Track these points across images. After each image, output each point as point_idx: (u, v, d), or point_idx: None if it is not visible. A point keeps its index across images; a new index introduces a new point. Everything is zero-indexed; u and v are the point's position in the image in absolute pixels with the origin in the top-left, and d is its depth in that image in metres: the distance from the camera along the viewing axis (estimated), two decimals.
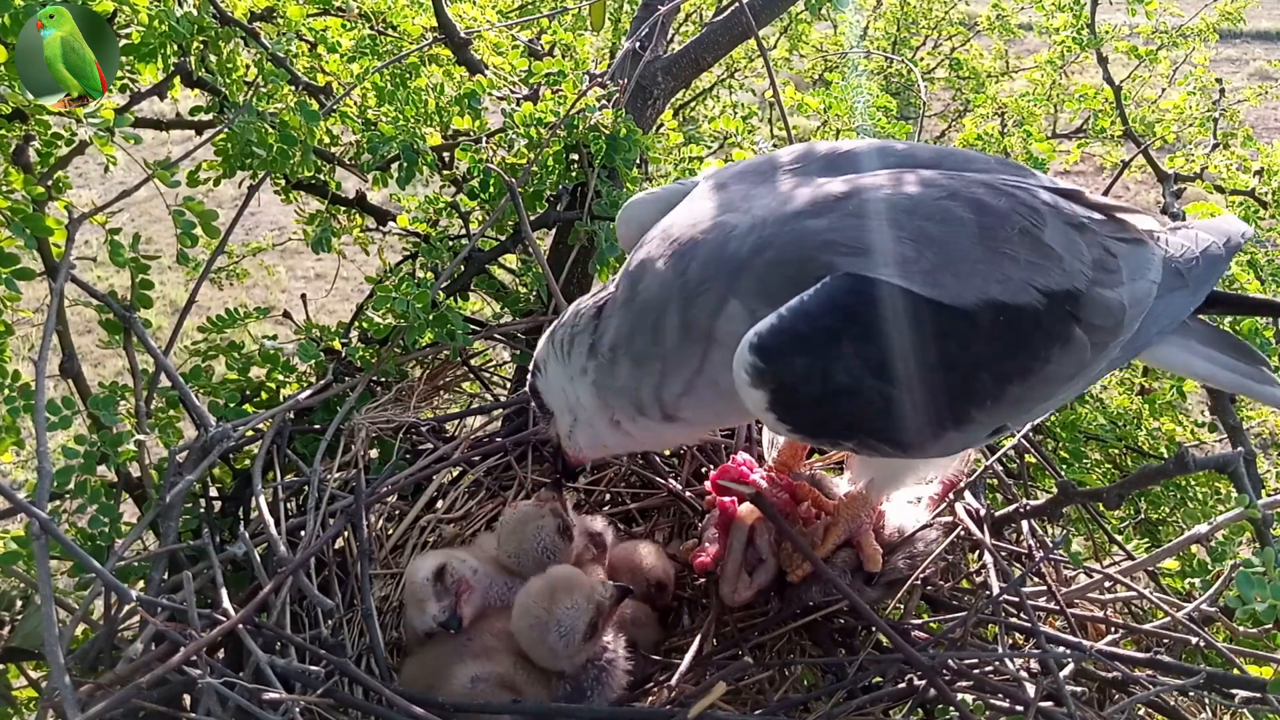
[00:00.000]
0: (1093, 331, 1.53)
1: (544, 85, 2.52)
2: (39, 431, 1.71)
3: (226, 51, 2.39)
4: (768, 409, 1.41)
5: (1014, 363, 1.46)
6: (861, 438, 1.44)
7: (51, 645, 1.43)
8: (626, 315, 1.55)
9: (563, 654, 1.65)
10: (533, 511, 1.87)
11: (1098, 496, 1.82)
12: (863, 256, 1.39)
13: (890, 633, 1.61)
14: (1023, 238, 1.48)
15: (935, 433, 1.45)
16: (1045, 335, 1.48)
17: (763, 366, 1.38)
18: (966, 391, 1.44)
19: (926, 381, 1.39)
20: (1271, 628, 1.61)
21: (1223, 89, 3.36)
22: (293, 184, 2.66)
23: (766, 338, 1.38)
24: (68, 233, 1.97)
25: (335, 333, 2.25)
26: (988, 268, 1.43)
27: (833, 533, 1.81)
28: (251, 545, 1.72)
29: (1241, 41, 10.28)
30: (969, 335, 1.41)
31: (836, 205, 1.46)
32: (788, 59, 5.54)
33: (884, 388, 1.37)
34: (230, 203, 2.48)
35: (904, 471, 1.74)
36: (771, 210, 1.49)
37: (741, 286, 1.45)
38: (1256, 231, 2.43)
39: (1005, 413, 1.51)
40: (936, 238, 1.42)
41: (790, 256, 1.43)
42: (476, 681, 1.66)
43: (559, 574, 1.71)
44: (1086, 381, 1.64)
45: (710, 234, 1.50)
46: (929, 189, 1.48)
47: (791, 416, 1.42)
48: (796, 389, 1.38)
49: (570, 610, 1.65)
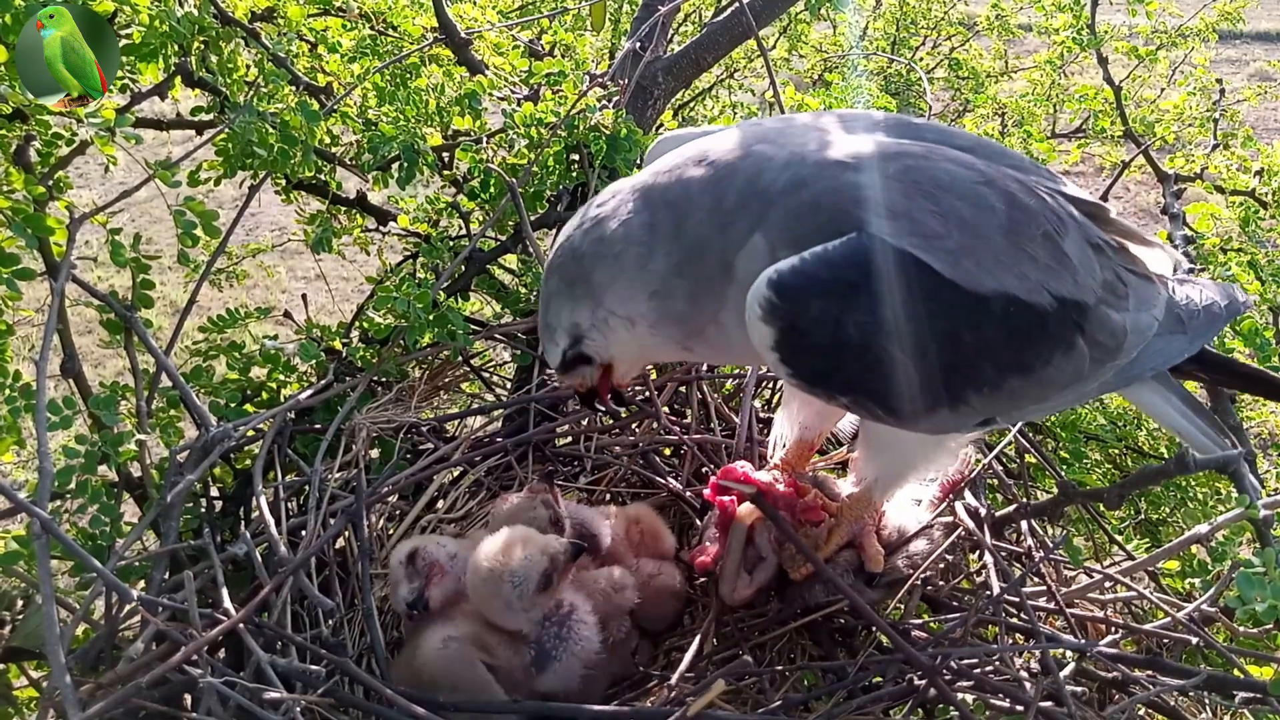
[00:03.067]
0: (1094, 347, 1.56)
1: (544, 85, 2.52)
2: (40, 431, 1.71)
3: (227, 51, 2.39)
4: (773, 348, 1.42)
5: (1016, 357, 1.49)
6: (858, 396, 1.46)
7: (52, 645, 1.43)
8: (675, 246, 1.52)
9: (517, 605, 1.67)
10: (525, 503, 1.88)
11: (1098, 496, 1.83)
12: (895, 221, 1.41)
13: (890, 633, 1.61)
14: (1044, 241, 1.50)
15: (930, 407, 1.47)
16: (1050, 338, 1.50)
17: (777, 303, 1.39)
18: (967, 375, 1.46)
19: (932, 356, 1.41)
20: (1271, 628, 1.61)
21: (1223, 89, 3.36)
22: (293, 184, 2.66)
23: (786, 276, 1.39)
24: (68, 233, 1.97)
25: (336, 333, 2.25)
26: (1009, 260, 1.46)
27: (836, 533, 1.81)
28: (252, 545, 1.73)
29: (1241, 42, 10.29)
30: (979, 321, 1.43)
31: (878, 165, 1.48)
32: (787, 59, 5.54)
33: (891, 351, 1.39)
34: (231, 203, 2.48)
35: (907, 470, 1.75)
36: (811, 150, 1.51)
37: (769, 222, 1.45)
38: (1255, 299, 2.44)
39: (999, 404, 1.54)
40: (967, 220, 1.45)
41: (825, 204, 1.44)
42: (449, 642, 1.68)
43: (513, 529, 1.74)
44: (1078, 395, 1.67)
45: (745, 162, 1.51)
46: (968, 170, 1.51)
47: (795, 360, 1.43)
48: (806, 333, 1.40)
49: (524, 562, 1.67)
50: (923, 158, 1.50)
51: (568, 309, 1.58)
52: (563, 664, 1.68)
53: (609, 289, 1.54)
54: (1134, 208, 8.01)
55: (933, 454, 1.72)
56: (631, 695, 1.74)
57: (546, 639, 1.69)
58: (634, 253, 1.52)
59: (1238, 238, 2.72)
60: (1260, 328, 2.32)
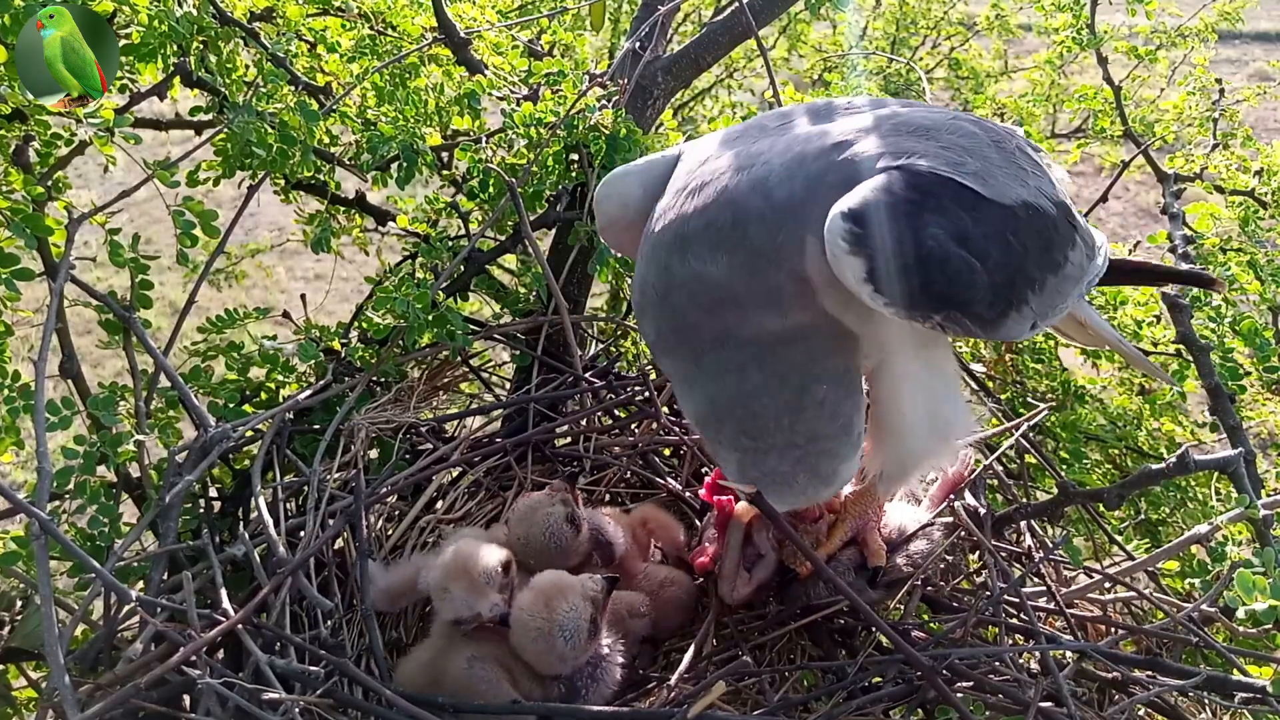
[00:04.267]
0: (1085, 245, 1.70)
1: (544, 85, 2.52)
2: (39, 432, 1.71)
3: (226, 51, 2.38)
4: (865, 279, 1.41)
5: (1048, 256, 1.60)
6: (949, 310, 1.47)
7: (51, 645, 1.43)
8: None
9: (570, 657, 1.65)
10: (543, 500, 1.87)
11: (1098, 497, 1.83)
12: (920, 159, 1.47)
13: (890, 633, 1.61)
14: (1021, 155, 1.62)
15: (1002, 311, 1.53)
16: (1062, 237, 1.62)
17: (859, 231, 1.39)
18: (1021, 276, 1.54)
19: (995, 261, 1.47)
20: (1271, 628, 1.61)
21: (1222, 89, 3.35)
22: (292, 184, 2.65)
23: (857, 206, 1.40)
24: (67, 233, 1.97)
25: (335, 333, 2.25)
26: (1012, 173, 1.56)
27: (839, 529, 1.81)
28: (251, 545, 1.72)
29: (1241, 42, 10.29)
30: (1017, 227, 1.51)
31: (868, 132, 1.52)
32: (787, 59, 5.54)
33: (967, 258, 1.44)
34: (230, 203, 2.47)
35: (911, 464, 1.75)
36: (802, 150, 1.51)
37: (811, 222, 1.44)
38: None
39: (1043, 304, 1.62)
40: (967, 148, 1.52)
41: (851, 175, 1.46)
42: (474, 661, 1.65)
43: (545, 580, 1.70)
44: (1078, 295, 1.75)
45: (741, 178, 1.50)
46: (938, 114, 1.60)
47: (888, 286, 1.42)
48: (892, 254, 1.41)
49: (570, 613, 1.64)
50: (895, 116, 1.57)
51: (817, 491, 1.64)
52: (588, 700, 1.67)
53: (839, 476, 1.63)
54: (1134, 207, 8.01)
55: (937, 447, 1.72)
56: (631, 696, 1.74)
57: (579, 679, 1.67)
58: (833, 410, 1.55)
59: (1237, 238, 2.72)
60: (1260, 328, 2.32)
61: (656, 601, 1.89)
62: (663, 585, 1.91)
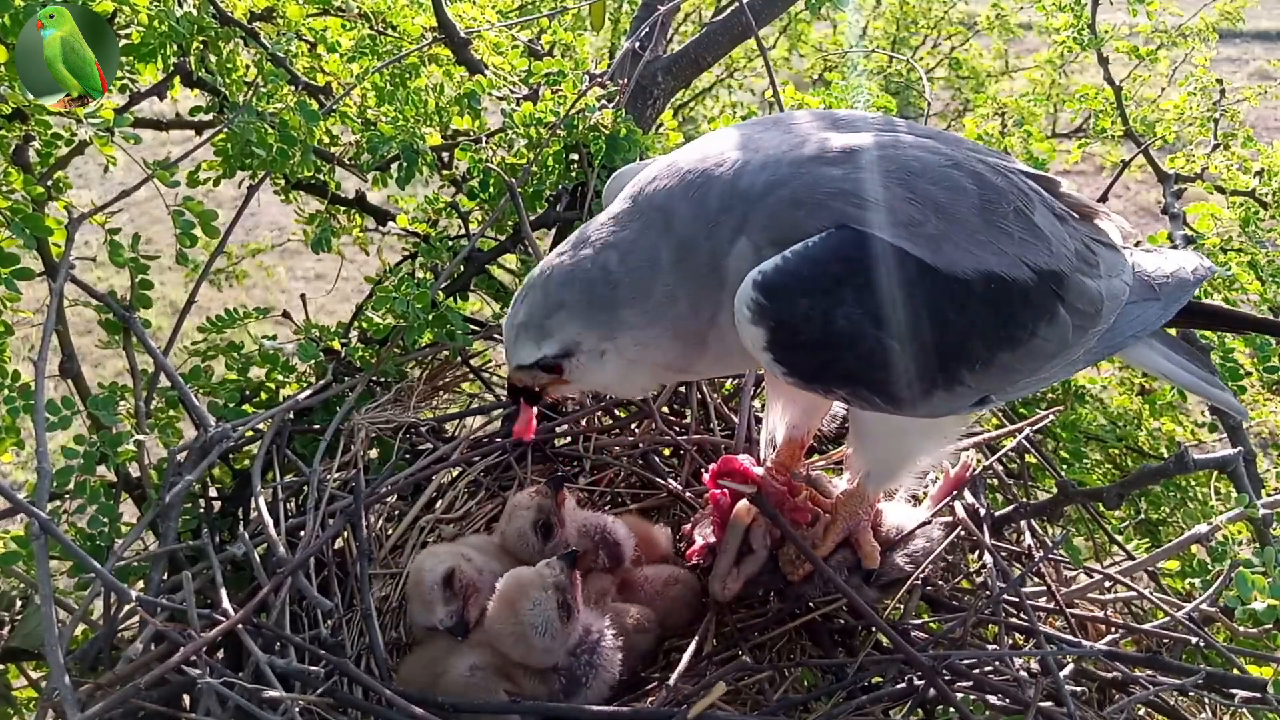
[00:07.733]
0: (1075, 314, 1.60)
1: (544, 85, 2.52)
2: (39, 431, 1.72)
3: (226, 51, 2.39)
4: (765, 348, 1.42)
5: (1004, 332, 1.51)
6: (856, 388, 1.46)
7: (51, 645, 1.43)
8: (676, 272, 1.51)
9: (554, 647, 1.66)
10: (523, 500, 1.90)
11: (1098, 496, 1.83)
12: (872, 212, 1.43)
13: (890, 633, 1.61)
14: (1016, 216, 1.54)
15: (926, 390, 1.48)
16: (1034, 310, 1.53)
17: (765, 303, 1.39)
18: (959, 354, 1.48)
19: (922, 339, 1.43)
20: (1271, 628, 1.61)
21: (1223, 89, 3.35)
22: (292, 184, 2.66)
23: (771, 275, 1.40)
24: (67, 233, 1.97)
25: (335, 333, 2.25)
26: (985, 238, 1.49)
27: (832, 531, 1.81)
28: (251, 545, 1.73)
29: (1241, 41, 10.28)
30: (965, 300, 1.46)
31: (850, 157, 1.49)
32: (787, 59, 5.54)
33: (883, 339, 1.40)
34: (230, 203, 2.47)
35: (899, 463, 1.74)
36: (783, 151, 1.51)
37: (752, 223, 1.46)
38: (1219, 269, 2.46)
39: (992, 381, 1.56)
40: (942, 203, 1.47)
41: (803, 199, 1.45)
42: (475, 670, 1.67)
43: (506, 584, 1.70)
44: (1067, 365, 1.69)
45: (721, 168, 1.51)
46: (935, 155, 1.53)
47: (789, 358, 1.43)
48: (797, 330, 1.40)
49: (534, 609, 1.64)
50: (891, 146, 1.52)
51: (576, 325, 1.54)
52: (592, 689, 1.67)
53: (629, 328, 1.53)
54: (1134, 207, 8.00)
55: (924, 444, 1.71)
56: (631, 696, 1.74)
57: (577, 667, 1.68)
58: (659, 289, 1.51)
59: (1238, 238, 2.72)
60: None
61: (662, 600, 1.89)
62: (667, 584, 1.91)
